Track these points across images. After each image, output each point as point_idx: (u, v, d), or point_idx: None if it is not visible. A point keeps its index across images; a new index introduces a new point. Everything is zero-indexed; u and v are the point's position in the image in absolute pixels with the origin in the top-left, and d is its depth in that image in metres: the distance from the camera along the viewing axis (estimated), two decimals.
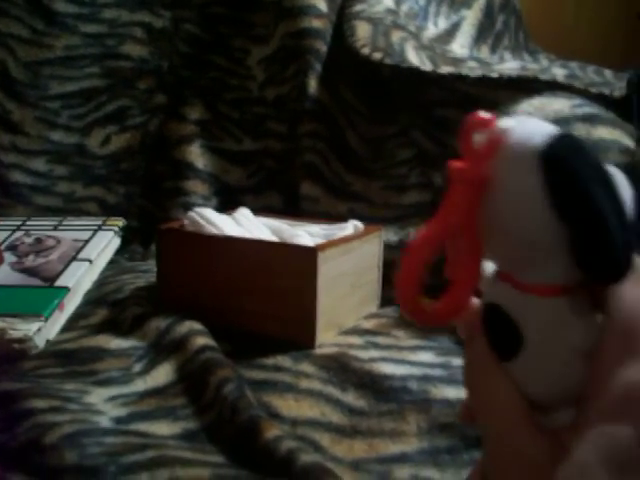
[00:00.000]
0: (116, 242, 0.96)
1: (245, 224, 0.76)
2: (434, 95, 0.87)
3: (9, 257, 0.88)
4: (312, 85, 0.99)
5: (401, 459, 0.51)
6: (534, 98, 0.82)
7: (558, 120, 0.78)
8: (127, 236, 1.00)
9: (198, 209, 0.77)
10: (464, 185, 0.26)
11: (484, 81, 0.82)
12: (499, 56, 1.06)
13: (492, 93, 0.83)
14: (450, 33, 1.00)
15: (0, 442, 0.50)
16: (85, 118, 1.13)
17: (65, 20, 1.13)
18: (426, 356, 0.64)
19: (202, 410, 0.55)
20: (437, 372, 0.62)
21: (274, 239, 0.73)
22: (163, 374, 0.62)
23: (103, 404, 0.56)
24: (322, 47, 1.00)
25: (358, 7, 0.96)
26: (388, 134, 0.92)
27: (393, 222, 0.83)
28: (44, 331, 0.71)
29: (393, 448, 0.51)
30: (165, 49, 1.14)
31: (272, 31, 1.07)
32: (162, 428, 0.53)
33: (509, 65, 0.86)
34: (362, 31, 0.92)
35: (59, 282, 0.80)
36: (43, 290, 0.79)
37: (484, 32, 1.06)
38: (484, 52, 1.04)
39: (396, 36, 0.91)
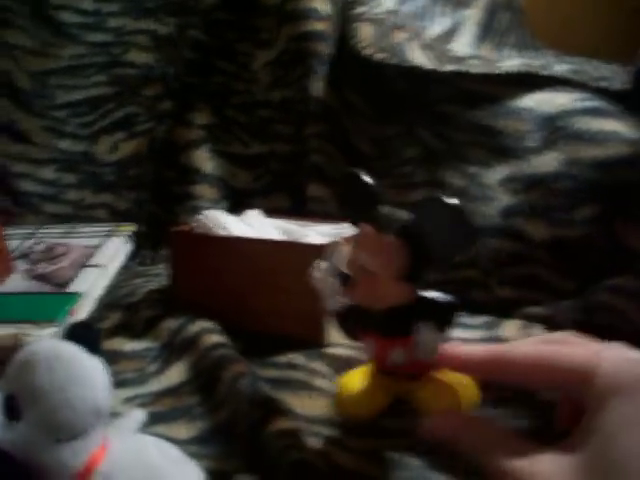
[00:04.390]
0: (127, 247, 0.97)
1: (255, 225, 0.77)
2: (437, 93, 0.88)
3: (21, 265, 0.89)
4: (317, 87, 1.00)
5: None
6: (536, 93, 0.82)
7: (560, 113, 0.79)
8: (137, 241, 1.01)
9: (207, 211, 0.78)
10: None
11: (486, 78, 0.83)
12: (502, 54, 1.07)
13: (494, 89, 0.83)
14: (453, 32, 1.01)
15: None
16: (92, 126, 1.14)
17: (70, 30, 1.14)
18: None
19: (217, 407, 0.56)
20: None
21: (283, 239, 0.73)
22: (177, 373, 0.63)
23: (120, 406, 0.57)
24: (325, 49, 1.01)
25: (360, 9, 0.97)
26: (393, 133, 0.92)
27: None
28: (57, 337, 0.72)
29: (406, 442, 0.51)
30: (171, 55, 1.15)
31: (276, 35, 1.07)
32: (180, 430, 0.53)
33: (511, 62, 0.87)
34: (365, 32, 0.93)
35: (71, 288, 0.81)
36: (55, 296, 0.80)
37: (488, 30, 1.06)
38: (487, 50, 1.04)
39: (398, 36, 0.92)
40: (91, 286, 0.83)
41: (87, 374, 0.37)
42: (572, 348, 0.36)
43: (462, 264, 0.78)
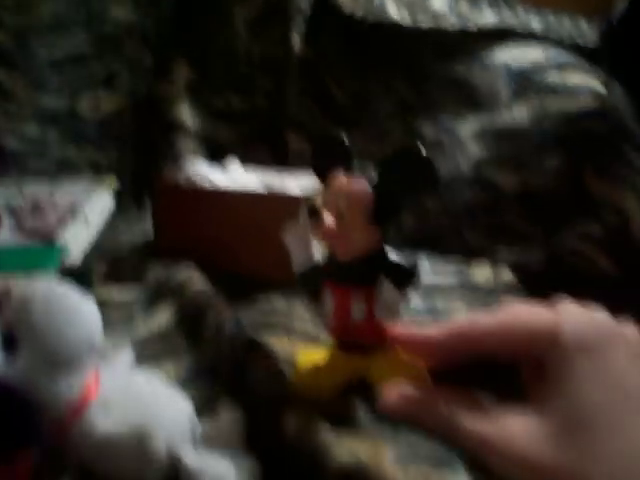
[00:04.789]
0: (110, 202, 0.99)
1: (236, 177, 0.79)
2: (414, 48, 0.90)
3: (8, 220, 0.91)
4: (296, 42, 1.01)
5: None
6: (510, 48, 0.85)
7: (534, 68, 0.81)
8: (120, 195, 1.03)
9: (190, 164, 0.79)
10: None
11: (462, 33, 0.85)
12: (478, 9, 1.08)
13: (470, 45, 0.85)
14: None
15: None
16: (74, 83, 1.14)
17: None
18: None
19: (202, 349, 0.58)
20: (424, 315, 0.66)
21: (264, 191, 0.76)
22: (163, 318, 0.65)
23: (110, 351, 0.59)
24: (305, 5, 1.02)
25: None
26: (370, 87, 0.94)
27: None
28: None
29: None
30: (151, 12, 1.15)
31: None
32: (168, 371, 0.56)
33: (487, 18, 0.89)
34: None
35: (58, 241, 0.83)
36: (43, 249, 0.81)
37: None
38: (463, 6, 1.06)
39: None
40: (77, 239, 0.84)
41: (80, 311, 0.40)
42: (529, 311, 0.37)
43: (434, 213, 0.81)
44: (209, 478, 0.40)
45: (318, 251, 0.48)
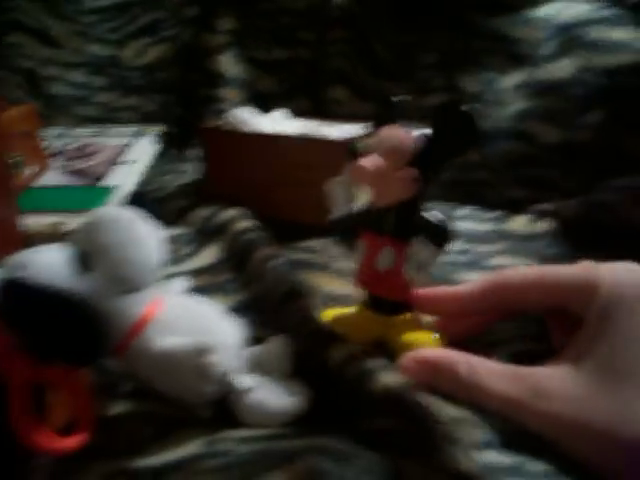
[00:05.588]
0: (154, 147, 1.01)
1: (279, 124, 0.81)
2: (458, 1, 0.90)
3: (56, 162, 0.94)
4: None
5: None
6: (554, 2, 0.85)
7: (576, 22, 0.81)
8: (164, 142, 1.05)
9: (236, 110, 0.81)
10: None
11: None
12: None
13: None
14: None
15: None
16: (120, 31, 1.17)
17: None
18: None
19: (249, 283, 0.60)
20: (462, 258, 0.68)
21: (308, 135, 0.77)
22: (210, 254, 0.67)
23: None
24: None
25: None
26: (412, 40, 0.95)
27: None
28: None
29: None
30: None
31: None
32: (217, 302, 0.58)
33: None
34: None
35: (105, 182, 0.86)
36: (92, 189, 0.85)
37: None
38: None
39: None
40: (123, 180, 0.88)
41: (145, 235, 0.42)
42: (566, 267, 0.36)
43: (474, 165, 0.83)
44: (260, 399, 0.43)
45: (360, 200, 0.48)
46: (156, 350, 0.42)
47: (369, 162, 0.43)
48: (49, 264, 0.38)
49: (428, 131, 0.43)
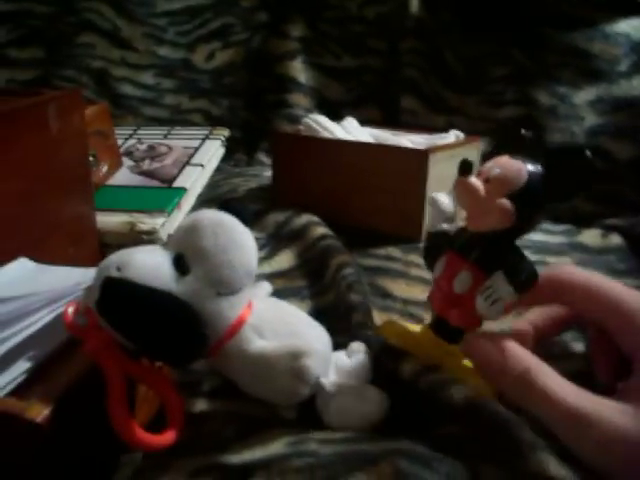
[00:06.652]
0: (221, 151, 1.03)
1: (352, 132, 0.82)
2: (535, 15, 0.90)
3: (127, 161, 0.96)
4: (413, 4, 1.02)
5: None
6: (632, 19, 0.84)
7: None
8: (230, 146, 1.06)
9: (312, 115, 0.82)
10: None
11: (584, 1, 0.85)
12: None
13: (591, 13, 0.85)
14: None
15: None
16: (190, 34, 1.19)
17: None
18: None
19: (324, 290, 0.61)
20: None
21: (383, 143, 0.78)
22: (286, 259, 0.68)
23: None
24: None
25: None
26: (485, 52, 0.95)
27: (489, 135, 0.86)
28: (167, 226, 0.78)
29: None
30: None
31: None
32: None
33: None
34: None
35: (176, 183, 0.88)
36: (163, 190, 0.86)
37: None
38: None
39: None
40: (193, 182, 0.89)
41: (243, 240, 0.43)
42: (633, 293, 0.37)
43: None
44: (347, 403, 0.44)
45: (459, 218, 0.49)
46: (252, 352, 0.42)
47: (476, 182, 0.42)
48: (149, 264, 0.39)
49: (541, 169, 0.42)
